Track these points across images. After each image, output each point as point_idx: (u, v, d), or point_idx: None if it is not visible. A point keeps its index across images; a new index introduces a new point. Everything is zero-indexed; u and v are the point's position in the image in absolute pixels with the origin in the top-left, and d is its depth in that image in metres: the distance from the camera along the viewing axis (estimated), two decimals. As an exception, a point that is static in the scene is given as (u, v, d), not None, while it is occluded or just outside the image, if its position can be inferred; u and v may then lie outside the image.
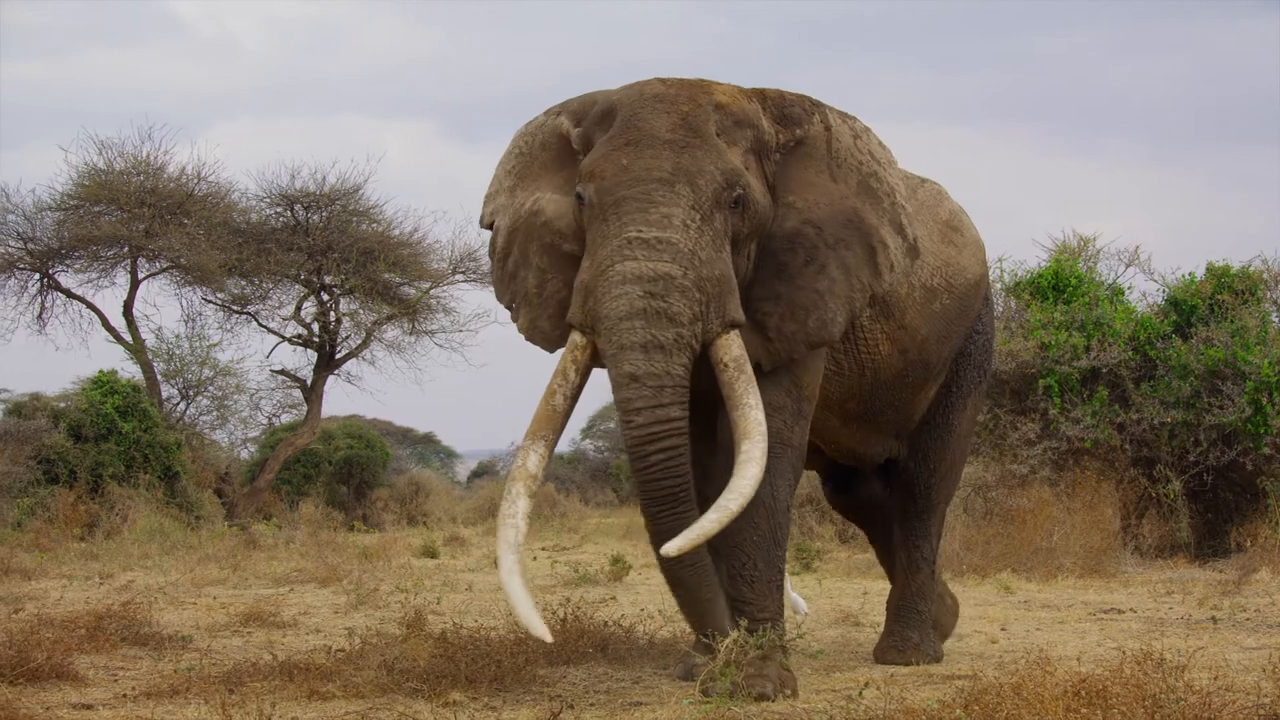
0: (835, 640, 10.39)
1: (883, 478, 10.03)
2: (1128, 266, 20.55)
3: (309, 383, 26.45)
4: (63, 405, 22.65)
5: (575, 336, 7.60)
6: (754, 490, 7.20)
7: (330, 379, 26.51)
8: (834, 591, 13.79)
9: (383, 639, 9.01)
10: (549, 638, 7.20)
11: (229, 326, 26.33)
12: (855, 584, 13.93)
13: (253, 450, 28.74)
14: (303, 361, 26.86)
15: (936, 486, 9.76)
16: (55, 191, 24.14)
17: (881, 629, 9.78)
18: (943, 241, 9.28)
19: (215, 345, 26.35)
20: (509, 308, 8.35)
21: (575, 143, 8.15)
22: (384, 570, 15.82)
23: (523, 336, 8.25)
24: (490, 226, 8.53)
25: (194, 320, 26.04)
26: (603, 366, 7.55)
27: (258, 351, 34.19)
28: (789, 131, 8.16)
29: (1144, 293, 20.68)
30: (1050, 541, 15.31)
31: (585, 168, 7.69)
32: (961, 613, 11.39)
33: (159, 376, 25.11)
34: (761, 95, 8.19)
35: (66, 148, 27.43)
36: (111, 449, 21.70)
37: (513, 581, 7.21)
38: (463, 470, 45.14)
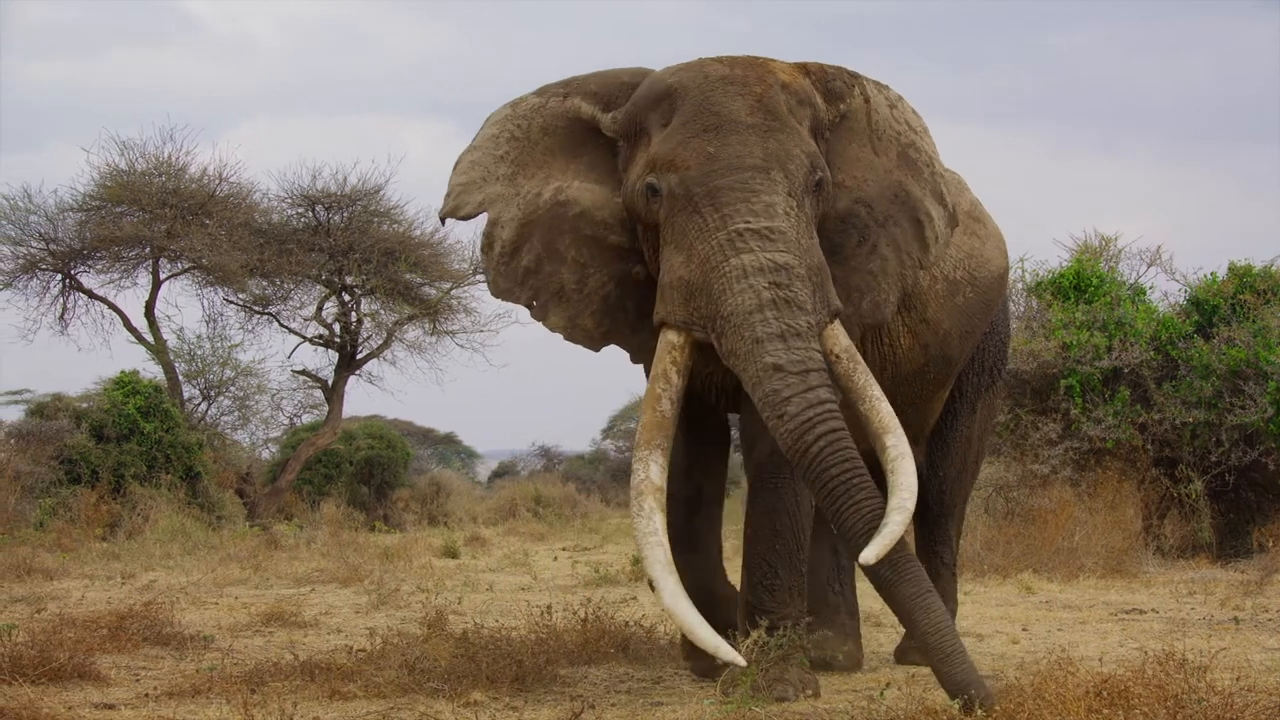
0: (856, 640, 10.38)
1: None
2: (1149, 266, 20.52)
3: (330, 383, 26.50)
4: (85, 406, 22.70)
5: (671, 336, 7.14)
6: (917, 483, 6.79)
7: (351, 379, 26.57)
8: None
9: (404, 639, 9.01)
10: (742, 661, 6.74)
11: (250, 327, 26.42)
12: (876, 584, 13.88)
13: (274, 450, 28.79)
14: (324, 362, 26.95)
15: (950, 490, 9.66)
16: (77, 192, 24.23)
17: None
18: (966, 232, 9.00)
19: (237, 346, 26.44)
20: (528, 305, 7.83)
21: (608, 127, 7.75)
22: (405, 570, 15.82)
23: (559, 335, 7.82)
24: (470, 218, 8.04)
25: (215, 321, 26.14)
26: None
27: (279, 352, 34.25)
28: (834, 107, 7.80)
29: (1166, 292, 20.57)
30: (1072, 542, 15.27)
31: (660, 157, 7.22)
32: (983, 613, 11.37)
33: (181, 377, 25.17)
34: (806, 70, 7.80)
35: (88, 148, 27.46)
36: (133, 449, 21.76)
37: (681, 605, 6.62)
38: (483, 470, 45.14)
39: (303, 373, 27.37)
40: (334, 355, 26.46)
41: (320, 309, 26.20)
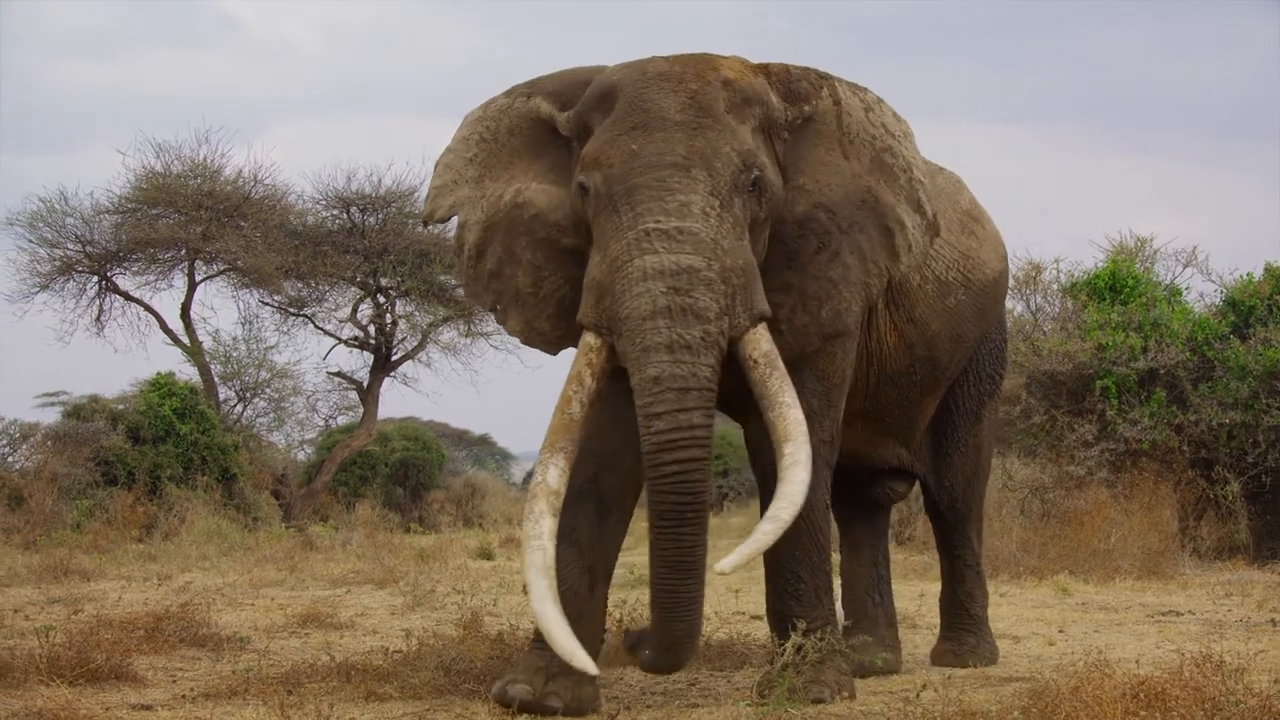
0: (892, 642, 10.37)
1: (905, 476, 9.54)
2: (1185, 267, 20.52)
3: (365, 385, 26.57)
4: (121, 407, 22.80)
5: (589, 338, 6.95)
6: (805, 495, 6.64)
7: (386, 381, 26.62)
8: (890, 593, 13.75)
9: (440, 640, 9.01)
10: (594, 670, 6.67)
11: (286, 329, 26.51)
12: (912, 586, 13.86)
13: (309, 452, 28.88)
14: (359, 364, 27.02)
15: (963, 498, 9.53)
16: (113, 194, 24.35)
17: (936, 631, 9.75)
18: (962, 232, 8.81)
19: (272, 347, 26.55)
20: (491, 309, 7.79)
21: (564, 127, 7.58)
22: (440, 571, 15.85)
23: (517, 339, 7.83)
24: (444, 221, 8.00)
25: (251, 322, 26.25)
26: (621, 367, 6.93)
27: (314, 354, 34.31)
28: (796, 108, 7.50)
29: (1202, 293, 20.56)
30: (1108, 543, 15.25)
31: (589, 154, 7.06)
32: (1019, 615, 11.34)
33: (216, 379, 25.27)
34: (766, 70, 7.55)
35: (124, 151, 27.50)
36: (169, 451, 21.85)
37: (546, 608, 6.59)
38: (518, 472, 45.15)
39: (338, 374, 27.44)
40: (369, 357, 26.52)
41: (355, 311, 26.27)
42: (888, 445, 9.09)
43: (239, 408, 26.39)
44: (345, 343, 26.60)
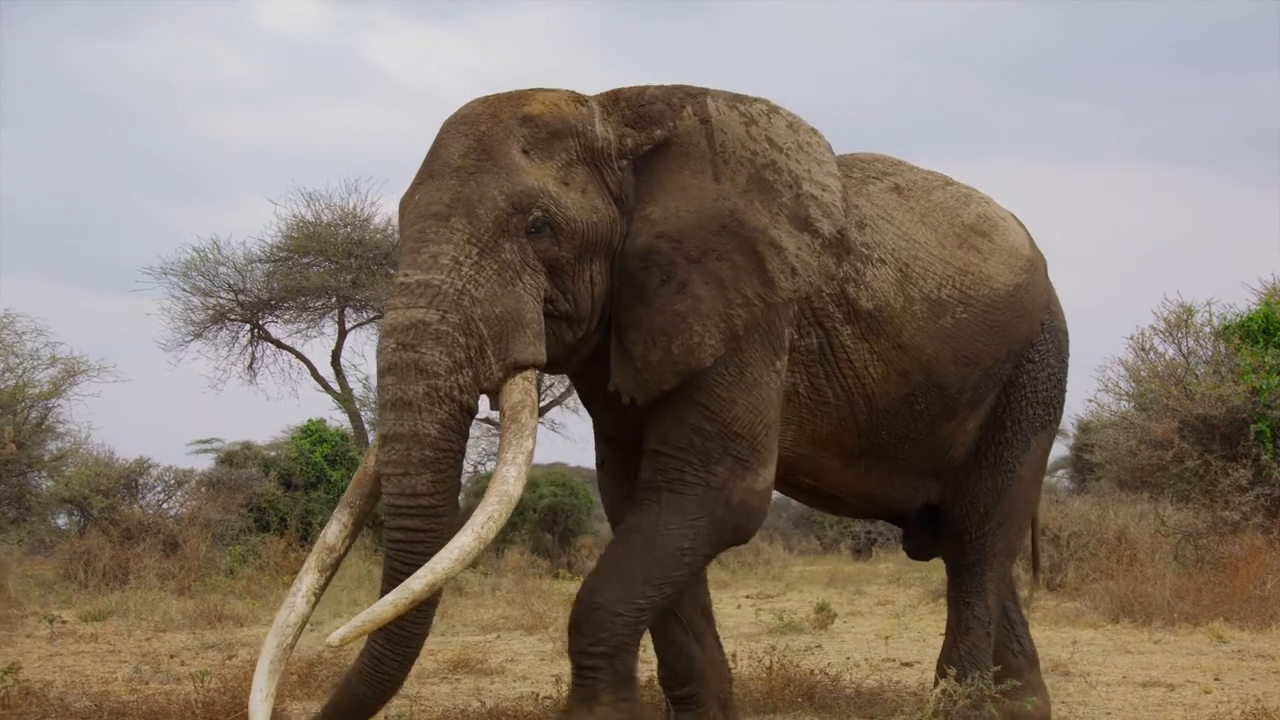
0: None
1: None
2: (1341, 308, 20.20)
3: (514, 431, 26.63)
4: (273, 454, 23.08)
5: None
6: (454, 565, 6.05)
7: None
8: (1042, 640, 13.59)
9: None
10: None
11: (436, 376, 26.62)
12: (1064, 633, 13.75)
13: (459, 498, 29.03)
14: (508, 411, 27.08)
15: (990, 536, 8.44)
16: (265, 244, 24.75)
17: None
18: (959, 247, 8.05)
19: (422, 395, 26.67)
20: None
21: None
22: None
23: None
24: None
25: (400, 370, 26.40)
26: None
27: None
28: (645, 133, 6.99)
29: (1359, 335, 20.28)
30: (1264, 590, 15.03)
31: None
32: (1174, 663, 11.20)
33: (367, 425, 25.52)
34: (614, 96, 7.10)
35: (276, 200, 27.86)
36: (321, 497, 22.09)
37: (260, 670, 6.27)
38: (665, 517, 45.16)
39: (487, 420, 27.56)
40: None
41: (504, 357, 26.39)
42: (909, 481, 8.34)
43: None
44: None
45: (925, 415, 7.96)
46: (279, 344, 25.15)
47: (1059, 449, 33.08)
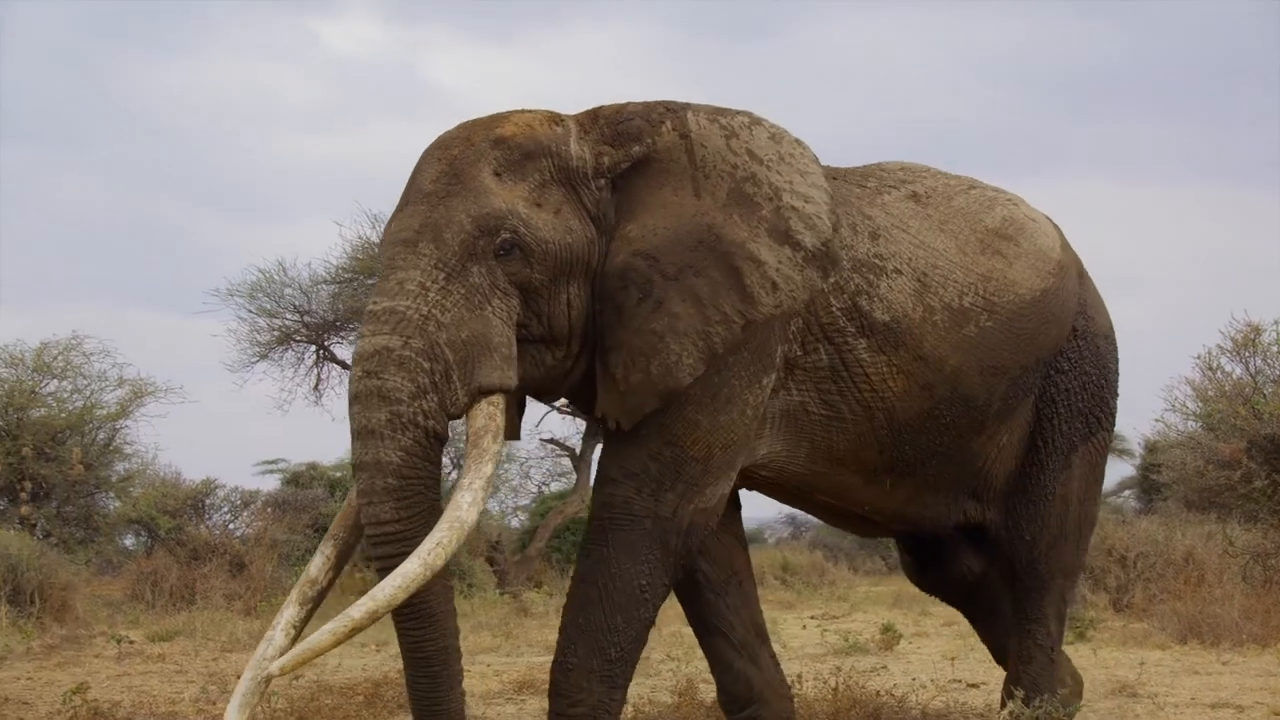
0: (1111, 711, 10.20)
1: (977, 550, 8.60)
2: None
3: (578, 451, 26.68)
4: (338, 474, 23.19)
5: None
6: (397, 592, 5.94)
7: (599, 447, 26.67)
8: (1109, 662, 13.54)
9: (655, 707, 9.04)
10: None
11: (499, 397, 26.67)
12: (1132, 654, 13.67)
13: (523, 519, 29.06)
14: (572, 430, 27.19)
15: (1043, 559, 8.19)
16: (330, 265, 24.74)
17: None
18: (982, 252, 7.78)
19: (486, 416, 26.71)
20: None
21: None
22: (654, 639, 15.82)
23: None
24: None
25: (464, 391, 26.46)
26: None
27: (527, 421, 34.58)
28: (623, 150, 6.84)
29: None
30: (1333, 610, 14.93)
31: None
32: (1243, 684, 11.12)
33: (430, 446, 25.51)
34: (594, 114, 6.98)
35: (341, 221, 28.04)
36: (386, 517, 22.10)
37: (233, 706, 6.23)
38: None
39: (551, 441, 27.63)
40: (581, 424, 26.64)
41: (568, 377, 26.42)
42: (940, 499, 8.06)
43: (453, 475, 26.64)
44: (558, 409, 26.77)
45: (952, 429, 7.70)
46: (344, 365, 25.14)
47: (1124, 469, 32.94)
